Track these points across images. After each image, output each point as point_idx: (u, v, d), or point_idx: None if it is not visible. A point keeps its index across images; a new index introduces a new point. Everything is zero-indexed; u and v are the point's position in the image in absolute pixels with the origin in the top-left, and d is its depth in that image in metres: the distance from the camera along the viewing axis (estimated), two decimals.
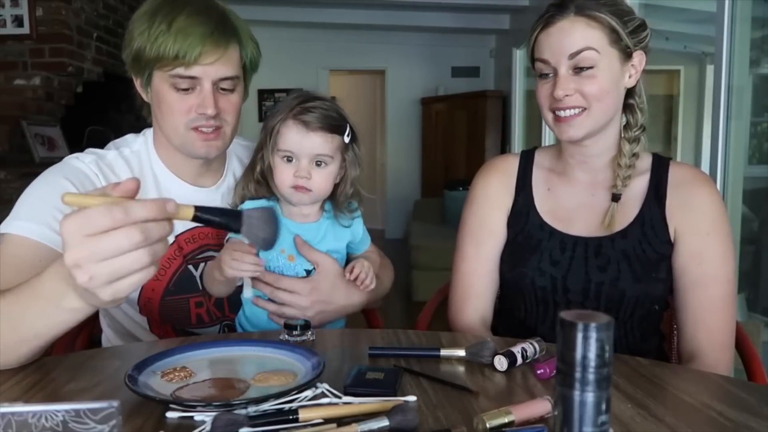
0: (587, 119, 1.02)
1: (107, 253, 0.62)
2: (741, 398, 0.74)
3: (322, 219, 1.15)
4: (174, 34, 1.00)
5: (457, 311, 1.18)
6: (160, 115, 1.08)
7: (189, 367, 0.77)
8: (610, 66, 1.01)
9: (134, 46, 1.04)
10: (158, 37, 1.00)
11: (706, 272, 1.04)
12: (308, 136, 1.06)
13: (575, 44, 0.99)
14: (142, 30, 1.02)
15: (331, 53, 6.90)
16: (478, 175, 1.21)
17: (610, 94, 1.02)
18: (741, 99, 2.47)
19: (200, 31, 1.01)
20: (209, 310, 1.16)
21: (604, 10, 0.99)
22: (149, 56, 1.02)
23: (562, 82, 1.01)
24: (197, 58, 1.01)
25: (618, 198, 1.08)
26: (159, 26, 1.01)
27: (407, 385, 0.76)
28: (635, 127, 1.07)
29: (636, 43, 1.02)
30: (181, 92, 1.04)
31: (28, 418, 0.46)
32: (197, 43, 1.00)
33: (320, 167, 1.08)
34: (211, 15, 1.04)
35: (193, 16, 1.02)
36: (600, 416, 0.49)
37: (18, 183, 3.13)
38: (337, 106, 1.11)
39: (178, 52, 1.00)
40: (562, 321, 0.48)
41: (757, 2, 2.54)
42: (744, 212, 2.74)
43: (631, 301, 1.05)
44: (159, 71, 1.04)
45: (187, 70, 1.02)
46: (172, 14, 1.01)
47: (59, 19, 3.54)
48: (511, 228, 1.15)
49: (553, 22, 1.01)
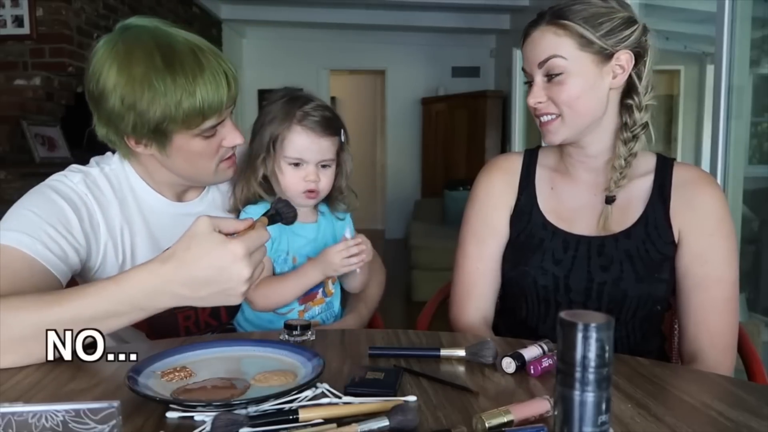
0: (561, 126, 1.05)
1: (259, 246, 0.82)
2: (741, 398, 0.74)
3: (320, 220, 1.17)
4: (198, 91, 0.96)
5: (458, 310, 1.18)
6: (187, 164, 1.06)
7: (189, 367, 0.77)
8: (581, 71, 1.01)
9: (151, 115, 0.96)
10: (181, 101, 0.96)
11: (710, 273, 1.04)
12: (316, 141, 1.08)
13: (542, 53, 1.02)
14: (150, 98, 0.95)
15: (331, 53, 6.90)
16: (481, 173, 1.21)
17: (581, 99, 1.02)
18: (741, 99, 2.47)
19: (217, 78, 0.98)
20: (198, 321, 1.15)
21: (574, 17, 1.00)
22: (177, 120, 0.97)
23: (534, 90, 1.05)
24: (227, 103, 1.01)
25: (612, 200, 1.07)
26: (175, 90, 0.95)
27: (407, 385, 0.76)
28: (632, 127, 1.06)
29: (616, 43, 1.01)
30: (208, 138, 1.03)
31: (28, 418, 0.46)
32: (222, 91, 0.99)
33: (325, 169, 1.11)
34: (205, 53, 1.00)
35: (199, 65, 0.97)
36: (600, 416, 0.49)
37: (18, 183, 3.12)
38: (329, 105, 1.14)
39: (207, 109, 0.98)
40: (562, 321, 0.48)
41: (757, 2, 2.54)
42: (744, 212, 2.74)
43: (634, 301, 1.05)
44: (184, 132, 1.00)
45: (218, 119, 1.02)
46: (179, 73, 0.96)
47: (59, 19, 3.54)
48: (513, 227, 1.15)
49: (529, 33, 1.06)
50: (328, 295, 1.17)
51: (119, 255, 1.08)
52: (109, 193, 1.08)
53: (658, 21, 1.05)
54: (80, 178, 1.06)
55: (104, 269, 1.06)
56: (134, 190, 1.11)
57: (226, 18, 5.96)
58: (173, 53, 0.97)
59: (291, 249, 1.12)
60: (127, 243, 1.08)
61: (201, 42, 1.02)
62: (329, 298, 1.17)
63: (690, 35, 4.68)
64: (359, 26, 6.38)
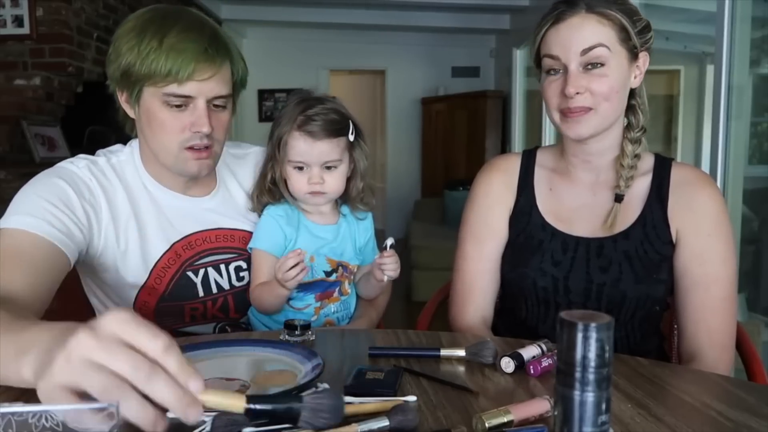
0: (594, 118, 1.01)
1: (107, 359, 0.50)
2: (741, 398, 0.74)
3: (341, 221, 1.18)
4: (166, 51, 0.98)
5: (457, 310, 1.18)
6: (150, 132, 1.06)
7: None
8: (619, 65, 1.01)
9: (122, 61, 1.01)
10: (149, 53, 0.98)
11: (708, 273, 1.04)
12: (315, 145, 1.09)
13: (587, 40, 0.98)
14: (131, 46, 1.00)
15: (331, 53, 6.90)
16: (479, 174, 1.21)
17: (618, 93, 1.02)
18: (741, 99, 2.47)
19: (193, 47, 0.99)
20: (206, 314, 1.16)
21: (615, 8, 0.99)
22: (140, 72, 1.00)
23: (573, 78, 0.99)
24: (191, 74, 0.99)
25: (621, 198, 1.07)
26: (150, 42, 0.99)
27: (407, 385, 0.76)
28: (637, 127, 1.07)
29: (642, 44, 1.03)
30: (174, 110, 1.02)
31: (28, 418, 0.46)
32: (190, 59, 0.99)
33: (331, 170, 1.12)
34: (203, 32, 1.03)
35: (185, 32, 1.00)
36: (600, 416, 0.49)
37: (18, 183, 3.10)
38: (339, 105, 1.14)
39: (171, 68, 0.98)
40: (562, 321, 0.48)
41: (757, 2, 2.54)
42: (744, 212, 2.74)
43: (632, 302, 1.05)
44: (150, 88, 1.02)
45: (180, 88, 1.00)
46: (162, 30, 0.99)
47: (59, 19, 3.54)
48: (512, 228, 1.15)
49: (564, 18, 1.00)
50: (345, 294, 1.18)
51: (121, 243, 1.08)
52: (115, 181, 1.10)
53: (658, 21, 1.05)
54: (85, 164, 1.09)
55: (105, 255, 1.07)
56: (144, 183, 1.13)
57: (226, 18, 5.95)
58: (174, 18, 1.02)
59: (310, 249, 1.13)
60: (132, 235, 1.09)
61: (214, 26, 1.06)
62: (345, 297, 1.18)
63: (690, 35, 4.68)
64: (359, 26, 6.37)
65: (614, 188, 1.09)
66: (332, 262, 1.15)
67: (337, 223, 1.18)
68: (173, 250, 1.12)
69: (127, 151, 1.15)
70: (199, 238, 1.15)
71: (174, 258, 1.13)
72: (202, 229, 1.16)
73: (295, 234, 1.14)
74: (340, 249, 1.16)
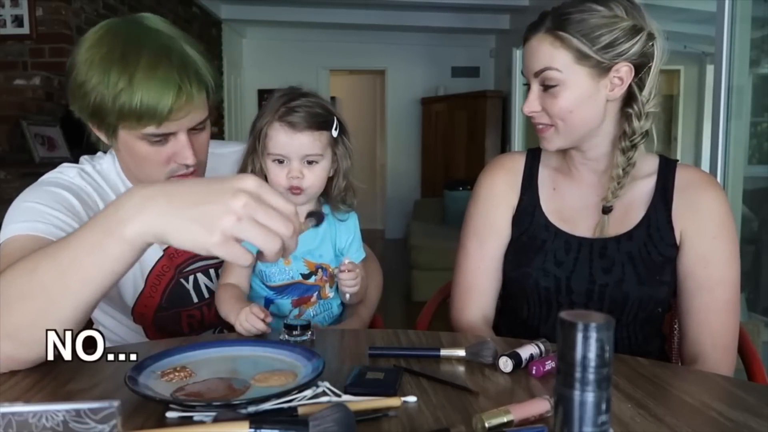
0: (555, 135, 1.05)
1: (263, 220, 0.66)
2: (741, 398, 0.74)
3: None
4: (138, 92, 0.91)
5: (459, 309, 1.18)
6: (133, 163, 1.03)
7: (189, 367, 0.77)
8: (576, 83, 1.00)
9: (91, 100, 0.94)
10: (120, 94, 0.92)
11: (712, 275, 1.04)
12: (295, 137, 1.05)
13: (538, 63, 1.02)
14: (96, 82, 0.93)
15: (331, 53, 6.90)
16: (483, 172, 1.20)
17: (573, 112, 1.02)
18: (741, 99, 2.47)
19: (166, 87, 0.92)
20: (203, 321, 1.16)
21: (572, 29, 0.98)
22: (113, 113, 0.93)
23: (530, 99, 1.05)
24: (167, 115, 0.94)
25: (608, 211, 1.07)
26: (117, 82, 0.91)
27: (407, 385, 0.76)
28: (631, 136, 1.04)
29: (615, 57, 0.99)
30: (155, 144, 0.98)
31: (28, 418, 0.46)
32: (165, 103, 0.92)
33: (312, 165, 1.08)
34: (172, 61, 0.94)
35: (154, 68, 0.92)
36: (600, 416, 0.49)
37: (18, 183, 3.12)
38: (323, 101, 1.10)
39: (145, 113, 0.92)
40: (562, 321, 0.48)
41: (757, 2, 2.54)
42: (744, 212, 2.74)
43: (635, 303, 1.05)
44: (127, 130, 0.96)
45: (158, 129, 0.95)
46: (128, 68, 0.92)
47: (59, 19, 3.54)
48: (515, 227, 1.15)
49: (528, 38, 1.05)
50: (324, 298, 1.15)
51: None
52: (106, 187, 1.09)
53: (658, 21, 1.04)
54: (75, 172, 1.07)
55: None
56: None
57: (226, 18, 5.96)
58: (136, 49, 0.93)
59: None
60: None
61: (181, 49, 0.97)
62: (326, 300, 1.15)
63: (690, 35, 4.68)
64: (359, 26, 6.38)
65: (603, 199, 1.08)
66: (310, 264, 1.11)
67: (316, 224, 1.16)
68: (166, 256, 1.12)
69: (108, 159, 1.12)
70: None
71: (168, 264, 1.12)
72: None
73: None
74: (318, 251, 1.12)
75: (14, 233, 0.93)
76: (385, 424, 0.65)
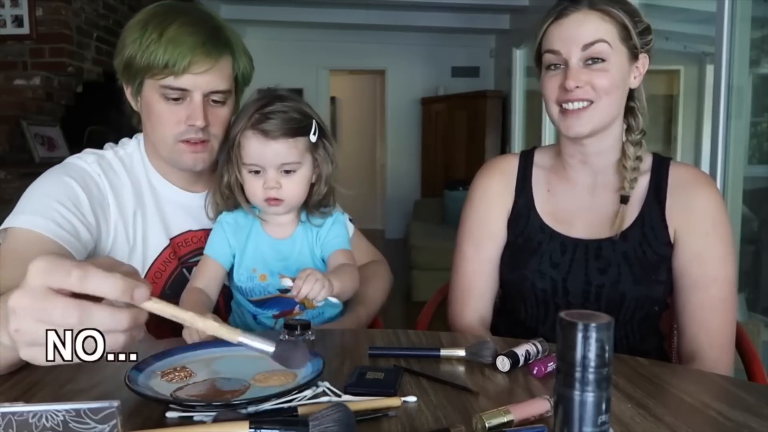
0: (594, 113, 1.01)
1: (41, 315, 0.53)
2: (741, 398, 0.74)
3: (296, 233, 1.10)
4: (165, 43, 0.99)
5: (456, 312, 1.18)
6: (150, 124, 1.08)
7: (189, 367, 0.77)
8: (619, 62, 1.01)
9: (125, 53, 1.03)
10: (149, 45, 1.00)
11: (707, 273, 1.04)
12: (269, 145, 1.00)
13: (589, 35, 0.99)
14: (134, 38, 1.02)
15: (331, 53, 6.90)
16: (477, 175, 1.20)
17: (618, 89, 1.02)
18: (741, 99, 2.47)
19: (191, 41, 1.00)
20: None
21: (617, 7, 1.00)
22: (140, 64, 1.01)
23: (573, 72, 1.00)
24: (187, 67, 1.00)
25: (627, 200, 1.07)
26: (150, 35, 1.00)
27: (407, 385, 0.76)
28: (637, 130, 1.07)
29: (642, 45, 1.03)
30: (171, 103, 1.03)
31: (28, 418, 0.46)
32: (187, 52, 1.00)
33: (290, 175, 1.03)
34: (204, 26, 1.03)
35: (185, 26, 1.01)
36: (600, 416, 0.49)
37: (18, 183, 3.13)
38: (301, 103, 1.05)
39: (168, 60, 0.99)
40: (562, 321, 0.48)
41: (757, 2, 2.54)
42: (744, 212, 2.74)
43: (631, 303, 1.05)
44: (150, 80, 1.03)
45: (177, 80, 1.01)
46: (164, 23, 1.01)
47: (59, 19, 3.54)
48: (511, 229, 1.15)
49: (567, 14, 1.01)
50: (310, 308, 1.10)
51: (130, 239, 1.09)
52: (123, 175, 1.12)
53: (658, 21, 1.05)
54: (94, 159, 1.10)
55: (115, 253, 1.08)
56: (148, 175, 1.14)
57: (226, 18, 5.95)
58: (175, 15, 1.02)
59: (259, 266, 1.06)
60: (138, 228, 1.10)
61: (218, 23, 1.07)
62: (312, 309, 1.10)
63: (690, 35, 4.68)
64: (359, 26, 6.37)
65: (616, 190, 1.08)
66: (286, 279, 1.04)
67: (291, 236, 1.09)
68: (172, 246, 1.13)
69: (133, 143, 1.17)
70: (195, 235, 1.16)
71: (172, 254, 1.13)
72: (200, 228, 1.16)
73: (242, 245, 1.07)
74: (296, 264, 1.06)
75: (16, 225, 0.97)
76: (385, 424, 0.65)
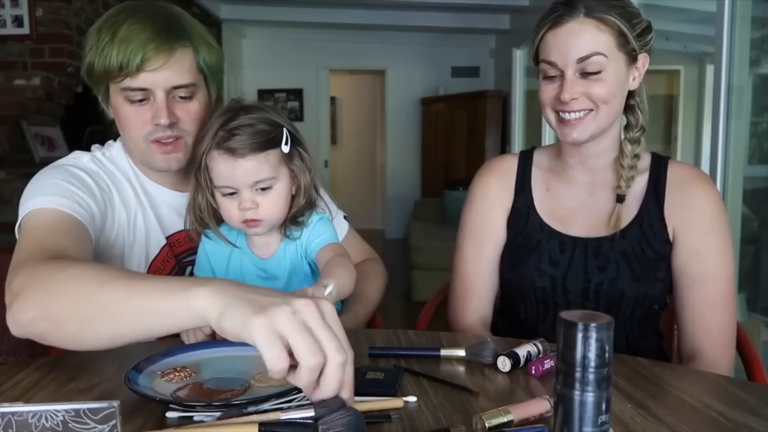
0: (593, 121, 1.01)
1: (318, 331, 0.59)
2: (741, 398, 0.74)
3: (279, 250, 1.05)
4: (117, 44, 0.97)
5: (456, 312, 1.18)
6: (121, 129, 1.07)
7: (189, 367, 0.77)
8: (617, 70, 1.00)
9: (86, 62, 1.02)
10: (104, 49, 0.98)
11: (706, 271, 1.04)
12: (238, 164, 0.93)
13: (585, 48, 0.97)
14: (91, 45, 1.00)
15: (331, 53, 6.89)
16: (477, 176, 1.21)
17: (616, 96, 1.01)
18: (741, 99, 2.47)
19: (142, 38, 0.97)
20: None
21: (614, 13, 0.97)
22: (99, 70, 1.00)
23: (569, 85, 0.99)
24: (141, 65, 0.97)
25: (622, 199, 1.07)
26: (104, 38, 0.98)
27: (407, 385, 0.76)
28: (636, 127, 1.07)
29: (641, 46, 1.02)
30: (136, 104, 1.01)
31: (28, 418, 0.46)
32: (138, 49, 0.96)
33: (266, 192, 0.96)
34: (156, 20, 1.00)
35: (136, 23, 0.98)
36: (600, 416, 0.49)
37: (18, 183, 3.12)
38: (269, 112, 0.99)
39: (121, 61, 0.97)
40: (562, 321, 0.48)
41: (757, 2, 2.54)
42: (744, 212, 2.74)
43: (631, 301, 1.05)
44: (112, 85, 1.02)
45: (134, 81, 0.99)
46: (115, 25, 0.99)
47: (59, 19, 3.54)
48: (510, 229, 1.15)
49: (562, 22, 0.98)
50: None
51: (130, 234, 1.09)
52: (117, 173, 1.11)
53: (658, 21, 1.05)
54: (89, 158, 1.10)
55: (115, 248, 1.07)
56: (137, 176, 1.13)
57: (226, 18, 5.95)
58: (128, 14, 1.00)
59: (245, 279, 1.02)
60: (140, 226, 1.10)
61: (172, 13, 1.03)
62: None
63: (690, 35, 4.67)
64: (359, 26, 6.37)
65: (614, 188, 1.09)
66: None
67: (274, 255, 1.04)
68: (169, 245, 1.13)
69: (117, 145, 1.15)
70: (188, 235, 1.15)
71: (169, 251, 1.13)
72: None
73: (224, 268, 1.04)
74: (280, 284, 1.02)
75: (38, 206, 0.94)
76: (385, 424, 0.65)
